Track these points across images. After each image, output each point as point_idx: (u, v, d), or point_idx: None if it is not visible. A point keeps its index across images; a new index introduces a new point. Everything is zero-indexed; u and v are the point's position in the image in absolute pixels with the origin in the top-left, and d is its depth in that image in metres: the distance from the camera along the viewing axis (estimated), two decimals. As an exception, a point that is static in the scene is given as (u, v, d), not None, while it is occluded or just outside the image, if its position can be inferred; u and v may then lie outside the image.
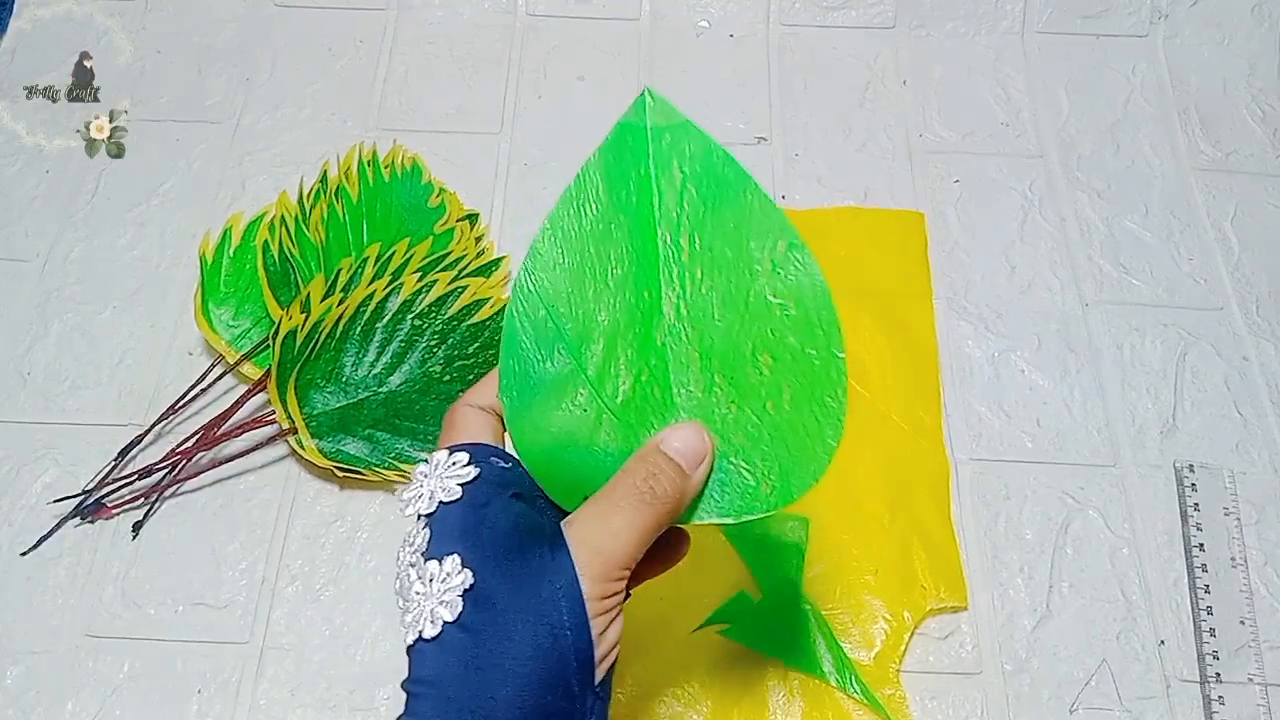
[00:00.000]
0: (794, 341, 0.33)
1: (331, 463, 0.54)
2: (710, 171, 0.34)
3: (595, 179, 0.35)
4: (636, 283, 0.34)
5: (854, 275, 0.64)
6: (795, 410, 0.33)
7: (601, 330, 0.34)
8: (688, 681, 0.51)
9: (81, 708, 0.50)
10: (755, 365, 0.34)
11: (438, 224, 0.63)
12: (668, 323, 0.34)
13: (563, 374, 0.35)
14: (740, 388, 0.34)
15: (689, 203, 0.34)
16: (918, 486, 0.57)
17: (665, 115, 0.35)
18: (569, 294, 0.35)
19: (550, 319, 0.35)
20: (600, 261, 0.35)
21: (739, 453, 0.34)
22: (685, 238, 0.34)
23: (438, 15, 0.76)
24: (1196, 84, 0.74)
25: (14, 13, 0.75)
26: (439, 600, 0.30)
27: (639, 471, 0.32)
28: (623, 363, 0.34)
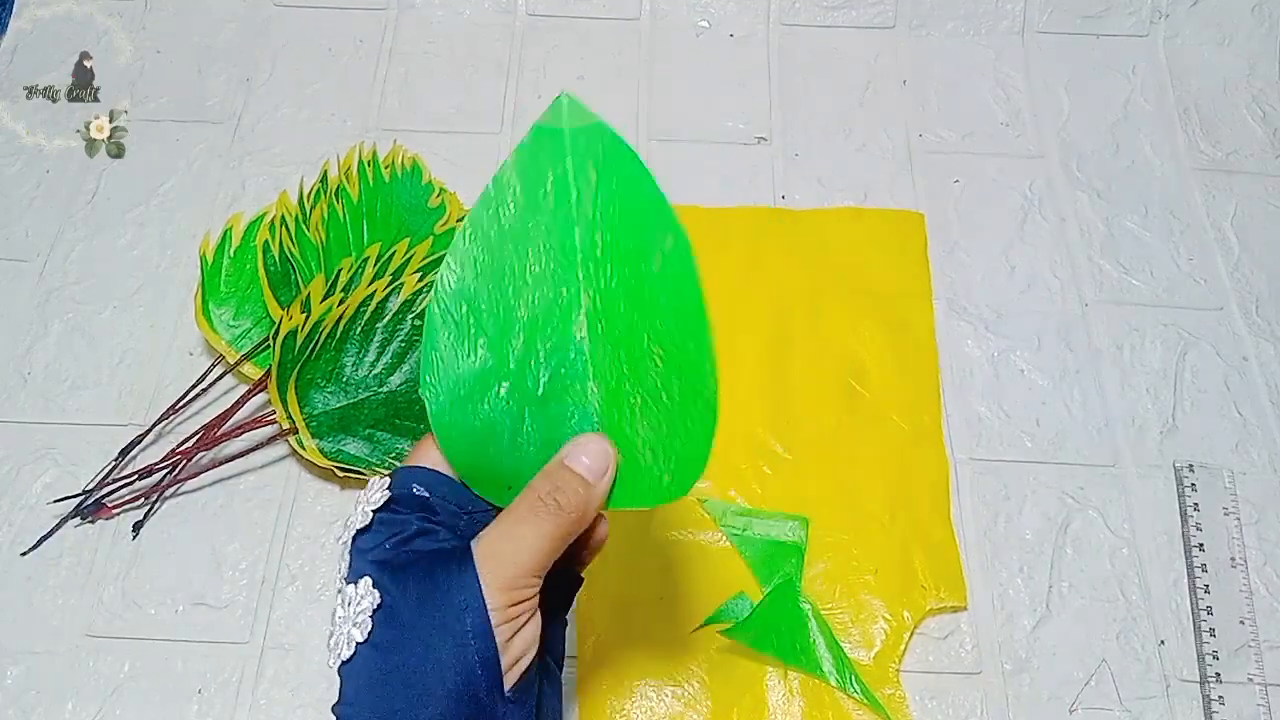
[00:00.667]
0: (678, 334, 0.35)
1: (332, 463, 0.54)
2: (619, 170, 0.35)
3: (513, 180, 0.36)
4: (554, 279, 0.35)
5: (854, 276, 0.64)
6: (684, 401, 0.35)
7: (521, 325, 0.36)
8: (688, 681, 0.51)
9: (81, 708, 0.50)
10: (651, 359, 0.35)
11: (438, 224, 0.63)
12: (585, 317, 0.35)
13: (484, 368, 0.36)
14: (642, 380, 0.35)
15: (602, 200, 0.35)
16: (917, 486, 0.57)
17: (580, 118, 0.36)
18: (489, 291, 0.36)
19: (471, 315, 0.36)
20: (519, 259, 0.36)
21: (646, 443, 0.35)
22: (599, 235, 0.35)
23: (438, 15, 0.76)
24: (1197, 84, 0.74)
25: (14, 13, 0.75)
26: (353, 622, 0.31)
27: (544, 486, 0.33)
28: (542, 356, 0.36)
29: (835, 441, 0.58)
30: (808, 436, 0.58)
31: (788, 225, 0.66)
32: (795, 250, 0.65)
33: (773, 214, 0.67)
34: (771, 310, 0.63)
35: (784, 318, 0.62)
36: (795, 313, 0.62)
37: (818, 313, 0.63)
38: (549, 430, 0.35)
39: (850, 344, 0.61)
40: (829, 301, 0.63)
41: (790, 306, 0.63)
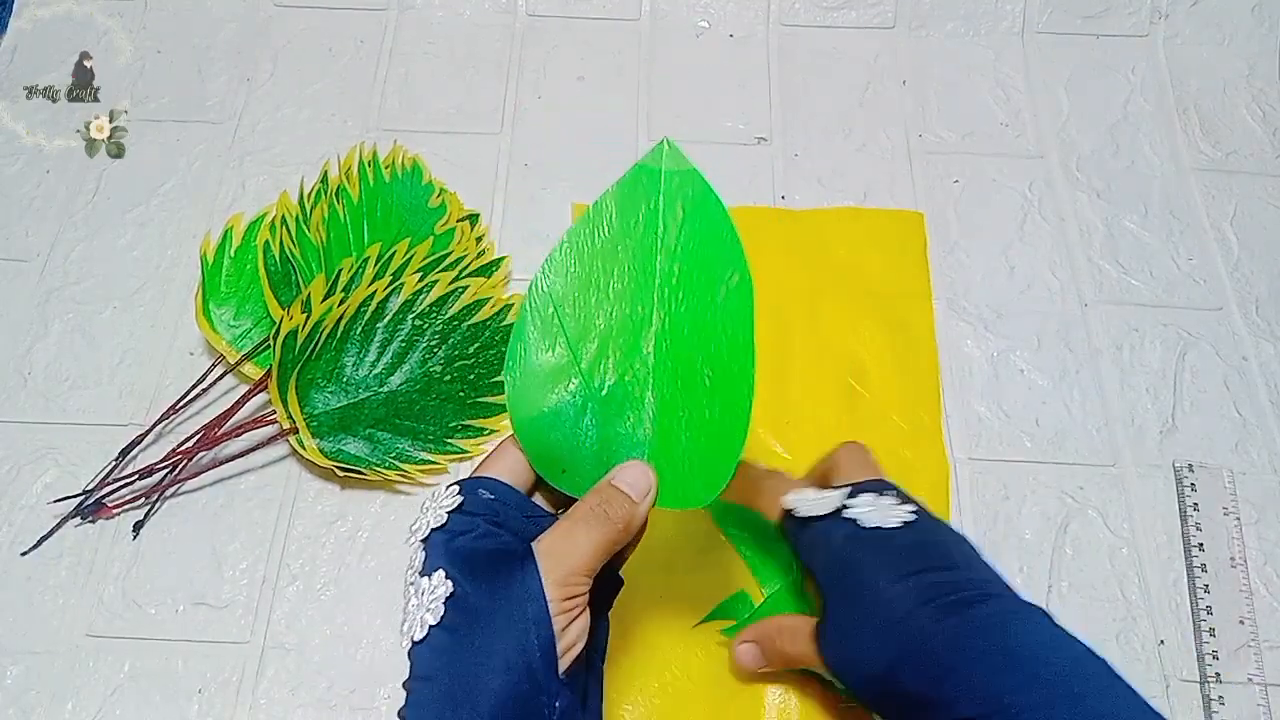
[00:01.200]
0: (726, 357, 0.40)
1: (332, 462, 0.55)
2: (704, 212, 0.41)
3: (610, 207, 0.41)
4: (633, 297, 0.41)
5: (854, 276, 0.64)
6: (721, 418, 0.39)
7: (597, 332, 0.41)
8: (687, 678, 0.51)
9: (81, 708, 0.50)
10: (701, 377, 0.40)
11: (438, 224, 0.63)
12: (655, 333, 0.41)
13: (560, 363, 0.41)
14: (691, 395, 0.40)
15: (686, 236, 0.41)
16: (917, 486, 0.56)
17: (677, 162, 0.42)
18: (575, 297, 0.41)
19: (556, 316, 0.41)
20: (605, 275, 0.41)
21: (687, 451, 0.40)
22: (677, 265, 0.41)
23: (438, 15, 0.76)
24: (1196, 84, 0.74)
25: (14, 13, 0.75)
26: (426, 609, 0.35)
27: (596, 499, 0.38)
28: (611, 361, 0.41)
29: (834, 441, 0.58)
30: (807, 436, 0.58)
31: (787, 225, 0.66)
32: (795, 250, 0.65)
33: (773, 214, 0.67)
34: (771, 310, 0.63)
35: (784, 317, 0.62)
36: (795, 312, 0.63)
37: (817, 313, 0.63)
38: (606, 426, 0.40)
39: (850, 344, 0.61)
40: (829, 301, 0.63)
41: (790, 306, 0.63)
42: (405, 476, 0.56)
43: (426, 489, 0.56)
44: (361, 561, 0.55)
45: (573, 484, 0.40)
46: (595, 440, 0.40)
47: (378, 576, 0.54)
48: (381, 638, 0.52)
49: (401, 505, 0.56)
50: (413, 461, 0.56)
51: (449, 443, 0.57)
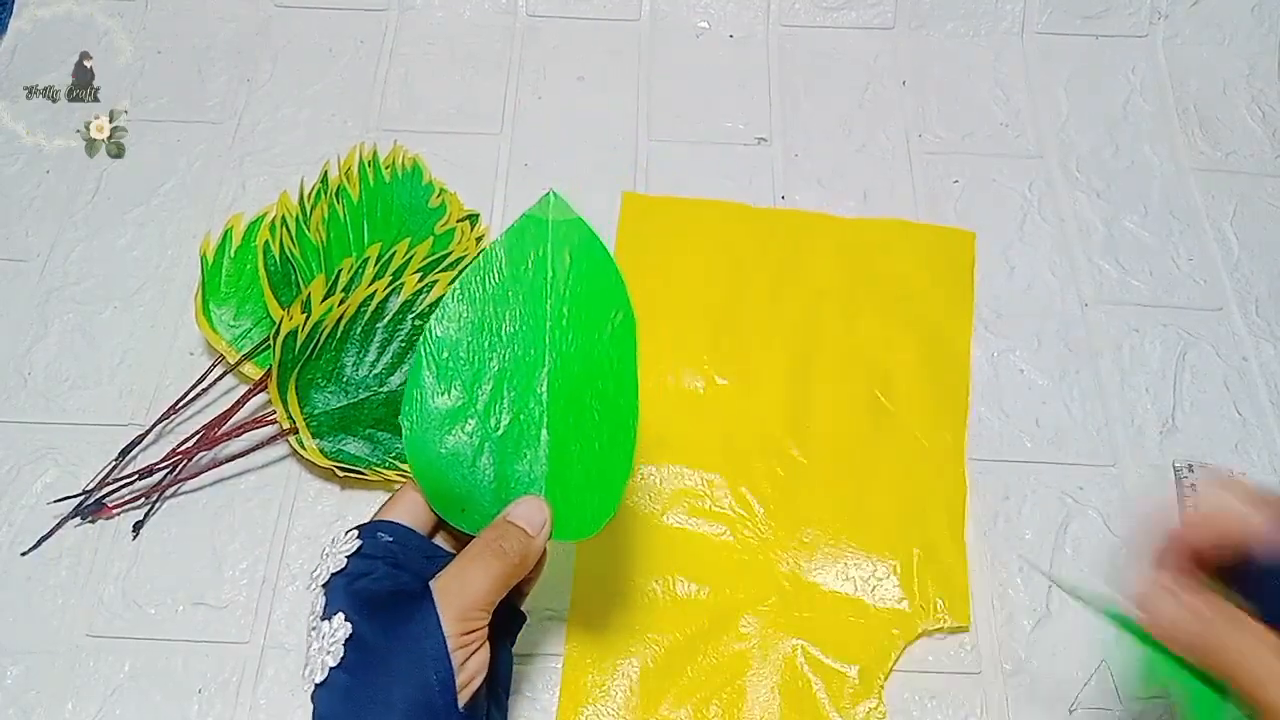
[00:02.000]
0: (613, 390, 0.41)
1: (332, 462, 0.55)
2: (590, 256, 0.43)
3: (500, 254, 0.43)
4: (525, 340, 0.42)
5: (895, 289, 0.64)
6: (610, 448, 0.41)
7: (491, 373, 0.42)
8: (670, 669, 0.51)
9: (81, 708, 0.50)
10: (590, 410, 0.42)
11: (438, 224, 0.63)
12: (547, 372, 0.42)
13: (456, 406, 0.42)
14: (582, 429, 0.42)
15: (573, 279, 0.42)
16: (932, 505, 0.56)
17: (562, 212, 0.43)
18: (469, 342, 0.42)
19: (451, 359, 0.42)
20: (497, 319, 0.42)
21: (580, 483, 0.41)
22: (566, 307, 0.42)
23: (438, 15, 0.76)
24: (1196, 84, 0.74)
25: (14, 13, 0.75)
26: (327, 651, 0.35)
27: (490, 535, 0.39)
28: (506, 402, 0.42)
29: (853, 452, 0.58)
30: (825, 443, 0.58)
31: (833, 231, 0.66)
32: (838, 257, 0.65)
33: (819, 219, 0.67)
34: (805, 314, 0.62)
35: (817, 323, 0.62)
36: (829, 319, 0.62)
37: (853, 322, 0.62)
38: (503, 464, 0.42)
39: (881, 356, 0.61)
40: (866, 312, 0.62)
41: (825, 312, 0.62)
42: (405, 476, 0.56)
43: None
44: None
45: (472, 522, 0.41)
46: (493, 478, 0.42)
47: (378, 576, 0.54)
48: (381, 638, 0.52)
49: (401, 505, 0.56)
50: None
51: (449, 443, 0.57)
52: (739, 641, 0.52)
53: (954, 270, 0.65)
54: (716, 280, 0.64)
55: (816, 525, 0.55)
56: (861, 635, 0.52)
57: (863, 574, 0.54)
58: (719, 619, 0.53)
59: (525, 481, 0.42)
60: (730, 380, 0.60)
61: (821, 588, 0.54)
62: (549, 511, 0.40)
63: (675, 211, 0.67)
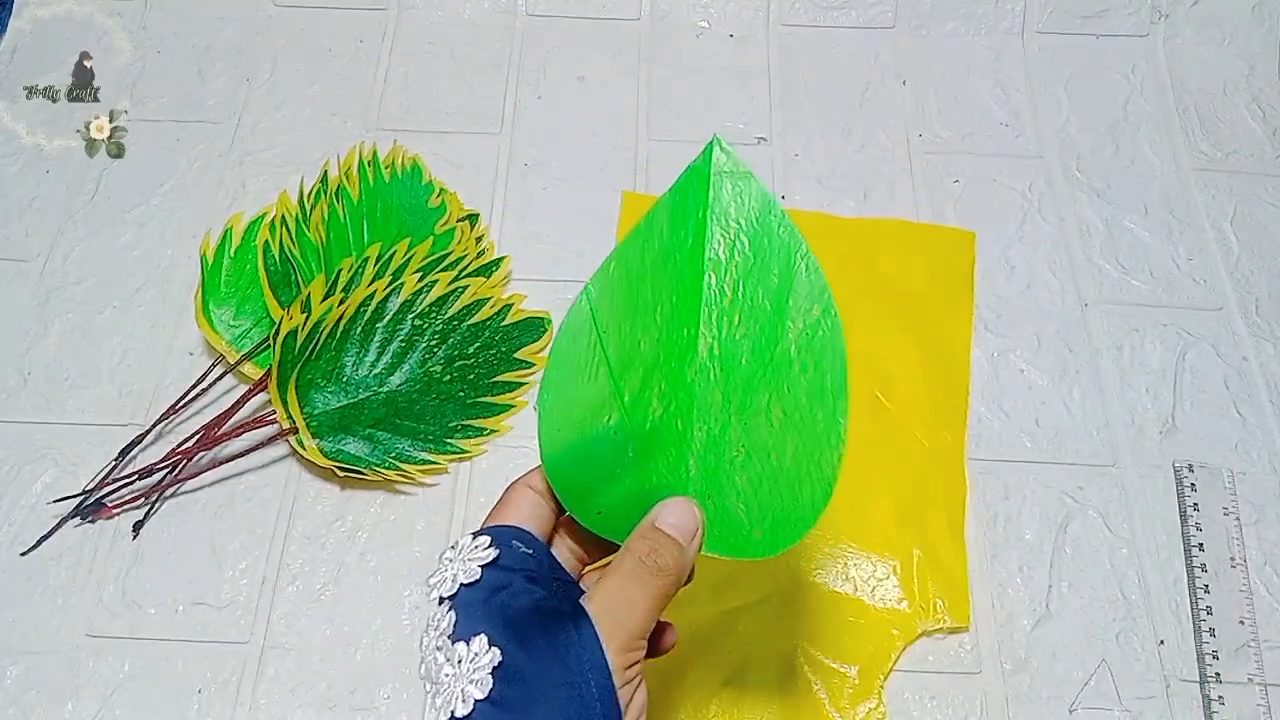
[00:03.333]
0: (805, 400, 0.35)
1: (332, 462, 0.55)
2: (765, 226, 0.36)
3: (661, 218, 0.37)
4: (678, 319, 0.36)
5: (895, 288, 0.63)
6: (795, 466, 0.35)
7: (642, 360, 0.36)
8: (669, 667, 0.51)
9: (81, 708, 0.50)
10: (768, 416, 0.35)
11: (438, 224, 0.63)
12: (700, 361, 0.36)
13: (600, 393, 0.37)
14: (752, 434, 0.35)
15: (739, 251, 0.36)
16: (932, 505, 0.56)
17: (731, 164, 0.37)
18: (619, 322, 0.37)
19: (599, 341, 0.37)
20: (653, 296, 0.36)
21: (740, 495, 0.35)
22: (729, 284, 0.36)
23: (438, 15, 0.76)
24: (1196, 84, 0.74)
25: (14, 13, 0.75)
26: (469, 679, 0.30)
27: (642, 548, 0.33)
28: (656, 393, 0.36)
29: (853, 451, 0.57)
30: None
31: (833, 231, 0.66)
32: (837, 256, 0.64)
33: (819, 219, 0.66)
34: None
35: None
36: None
37: (853, 321, 0.61)
38: (649, 463, 0.36)
39: (882, 356, 0.61)
40: (866, 311, 0.62)
41: None
42: (405, 476, 0.56)
43: (426, 488, 0.56)
44: (361, 562, 0.55)
45: (610, 527, 0.35)
46: (636, 478, 0.36)
47: (377, 576, 0.54)
48: (381, 638, 0.52)
49: (401, 505, 0.56)
50: (412, 461, 0.56)
51: (449, 443, 0.57)
52: (739, 641, 0.52)
53: (954, 270, 0.65)
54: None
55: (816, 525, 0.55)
56: (861, 635, 0.52)
57: (862, 574, 0.54)
58: (719, 619, 0.53)
59: (669, 485, 0.36)
60: (730, 380, 0.60)
61: (821, 588, 0.54)
62: (701, 516, 0.35)
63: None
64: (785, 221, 0.36)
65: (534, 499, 0.36)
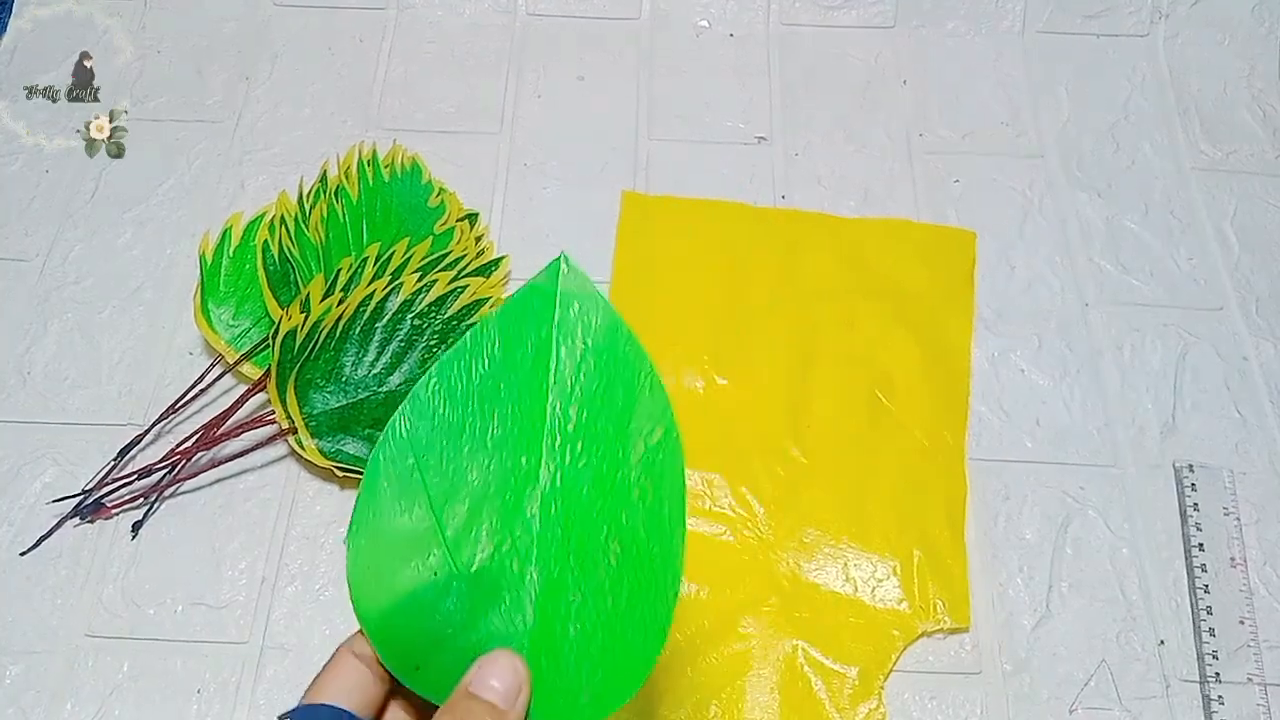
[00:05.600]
0: (642, 533, 0.32)
1: (331, 462, 0.54)
2: (612, 346, 0.33)
3: (493, 335, 0.33)
4: (515, 446, 0.33)
5: (895, 288, 0.63)
6: (630, 610, 0.31)
7: (469, 490, 0.33)
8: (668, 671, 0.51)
9: (81, 708, 0.50)
10: (605, 552, 0.32)
11: (437, 224, 0.63)
12: (541, 491, 0.33)
13: (418, 530, 0.33)
14: (589, 575, 0.32)
15: (585, 374, 0.33)
16: (932, 505, 0.56)
17: (578, 284, 0.33)
18: (442, 448, 0.33)
19: (417, 469, 0.33)
20: (481, 419, 0.33)
21: (573, 648, 0.31)
22: (574, 408, 0.33)
23: (438, 15, 0.76)
24: (1197, 84, 0.74)
25: (14, 13, 0.75)
26: None
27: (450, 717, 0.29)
28: (485, 529, 0.33)
29: (853, 452, 0.58)
30: (825, 443, 0.58)
31: (833, 231, 0.66)
32: (838, 257, 0.64)
33: (819, 219, 0.66)
34: (805, 313, 0.62)
35: (816, 322, 0.62)
36: (829, 318, 0.62)
37: (853, 321, 0.62)
38: (476, 611, 0.32)
39: (881, 356, 0.61)
40: (865, 311, 0.62)
41: (825, 312, 0.62)
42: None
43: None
44: None
45: (429, 685, 0.31)
46: (461, 629, 0.32)
47: (377, 576, 0.54)
48: (381, 638, 0.52)
49: (401, 505, 0.56)
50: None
51: (448, 442, 0.57)
52: (739, 642, 0.52)
53: (954, 270, 0.65)
54: (716, 280, 0.63)
55: (816, 525, 0.55)
56: (861, 636, 0.52)
57: (863, 574, 0.54)
58: (719, 619, 0.53)
59: (503, 635, 0.32)
60: (730, 380, 0.60)
61: (821, 588, 0.54)
62: (525, 672, 0.30)
63: (675, 211, 0.67)
64: (632, 340, 0.33)
65: (356, 668, 0.32)
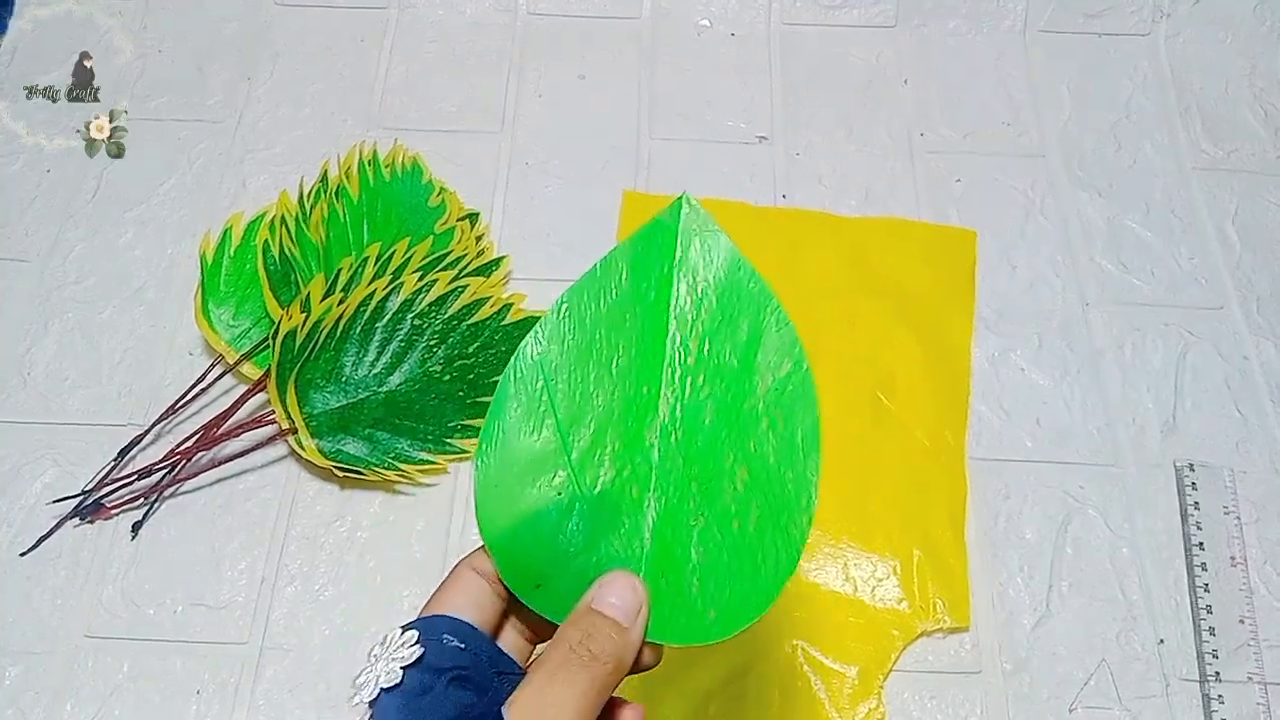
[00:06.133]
0: (773, 460, 0.33)
1: (331, 462, 0.54)
2: (734, 283, 0.35)
3: (621, 266, 0.35)
4: (638, 376, 0.34)
5: (896, 287, 0.63)
6: (758, 533, 0.32)
7: (594, 415, 0.34)
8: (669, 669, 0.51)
9: (81, 708, 0.50)
10: (731, 478, 0.33)
11: (438, 223, 0.63)
12: (660, 422, 0.34)
13: (545, 450, 0.34)
14: (713, 500, 0.33)
15: (706, 309, 0.34)
16: (932, 505, 0.56)
17: (699, 222, 0.35)
18: (570, 371, 0.34)
19: (546, 391, 0.34)
20: (608, 348, 0.34)
21: (697, 571, 0.32)
22: (695, 341, 0.34)
23: (438, 14, 0.76)
24: (1198, 83, 0.73)
25: (14, 13, 0.75)
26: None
27: (574, 635, 0.30)
28: (608, 453, 0.34)
29: (854, 451, 0.58)
30: (826, 443, 0.57)
31: (834, 230, 0.66)
32: (839, 256, 0.64)
33: (820, 218, 0.66)
34: (806, 312, 0.61)
35: (818, 321, 0.62)
36: (830, 318, 0.62)
37: (854, 321, 0.62)
38: (596, 533, 0.33)
39: (883, 356, 0.61)
40: (866, 310, 0.62)
41: (826, 311, 0.62)
42: (404, 476, 0.56)
43: (426, 488, 0.56)
44: (360, 562, 0.54)
45: (548, 603, 0.32)
46: (581, 549, 0.33)
47: (377, 577, 0.54)
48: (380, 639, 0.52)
49: (401, 505, 0.56)
50: (412, 461, 0.56)
51: (448, 443, 0.57)
52: (739, 641, 0.52)
53: (955, 269, 0.65)
54: (717, 279, 0.63)
55: (817, 525, 0.55)
56: (861, 635, 0.52)
57: (863, 574, 0.54)
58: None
59: (621, 558, 0.33)
60: (730, 380, 0.60)
61: (821, 588, 0.54)
62: (645, 593, 0.31)
63: (676, 210, 0.67)
64: (754, 276, 0.35)
65: (476, 583, 0.32)
